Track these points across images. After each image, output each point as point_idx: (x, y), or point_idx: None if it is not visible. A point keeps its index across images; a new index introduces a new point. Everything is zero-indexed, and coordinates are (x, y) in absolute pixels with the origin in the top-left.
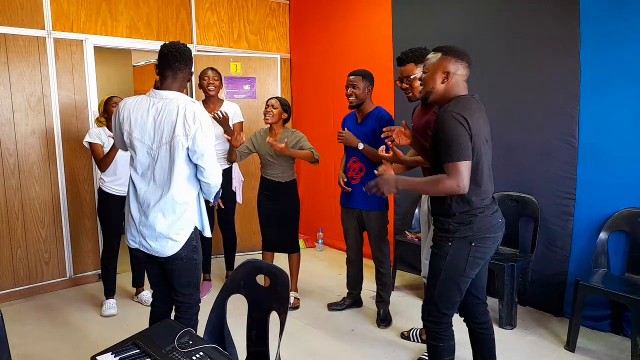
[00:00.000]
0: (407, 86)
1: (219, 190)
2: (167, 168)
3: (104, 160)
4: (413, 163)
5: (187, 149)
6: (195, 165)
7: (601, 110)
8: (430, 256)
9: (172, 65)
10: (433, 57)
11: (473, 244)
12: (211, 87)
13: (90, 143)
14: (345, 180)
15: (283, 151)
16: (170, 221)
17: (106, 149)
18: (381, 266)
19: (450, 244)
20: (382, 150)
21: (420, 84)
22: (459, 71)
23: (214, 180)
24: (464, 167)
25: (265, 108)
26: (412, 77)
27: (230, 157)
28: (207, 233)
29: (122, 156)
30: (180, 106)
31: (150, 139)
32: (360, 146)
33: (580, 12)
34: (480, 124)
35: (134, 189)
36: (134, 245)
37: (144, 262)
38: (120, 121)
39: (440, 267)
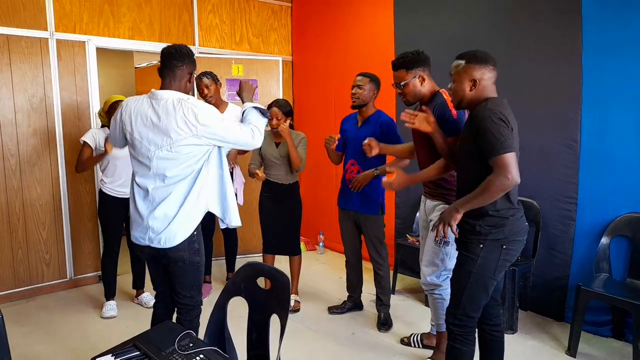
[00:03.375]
0: (400, 91)
1: (261, 112)
2: (174, 167)
3: (83, 163)
4: (398, 153)
5: (211, 143)
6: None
7: (603, 115)
8: (458, 259)
9: (170, 63)
10: (457, 65)
11: (504, 247)
12: (209, 98)
13: (83, 141)
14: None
15: (284, 133)
16: (179, 210)
17: (100, 149)
18: (379, 269)
19: (481, 246)
20: (367, 143)
21: (450, 94)
22: (485, 76)
23: (256, 143)
24: (511, 159)
25: (271, 121)
26: (402, 83)
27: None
28: (234, 221)
29: (121, 157)
30: (176, 106)
31: (149, 141)
32: (376, 172)
33: (583, 17)
34: (515, 123)
35: (139, 187)
36: (143, 242)
37: (148, 262)
38: (122, 121)
39: (470, 269)
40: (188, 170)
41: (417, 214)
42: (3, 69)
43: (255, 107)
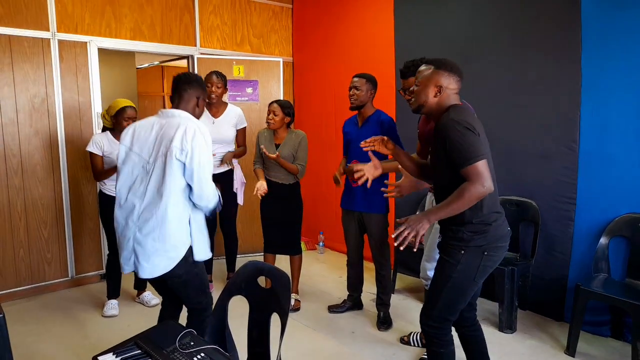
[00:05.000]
0: (409, 97)
1: (217, 202)
2: (161, 182)
3: (102, 174)
4: (394, 168)
5: (184, 165)
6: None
7: (602, 115)
8: (439, 262)
9: (177, 87)
10: (425, 70)
11: (485, 253)
12: (212, 96)
13: (90, 153)
14: (342, 173)
15: (275, 159)
16: (165, 238)
17: (108, 155)
18: (381, 268)
19: (463, 252)
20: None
21: (412, 97)
22: (451, 85)
23: (203, 202)
24: (482, 166)
25: (267, 115)
26: (411, 89)
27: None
28: (202, 256)
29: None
30: (182, 123)
31: (149, 153)
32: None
33: (582, 17)
34: (481, 129)
35: (120, 207)
36: (128, 270)
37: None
38: (124, 140)
39: (450, 274)
40: (175, 194)
41: (418, 212)
42: (5, 69)
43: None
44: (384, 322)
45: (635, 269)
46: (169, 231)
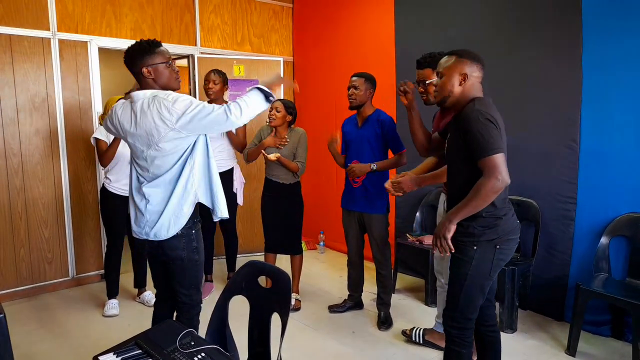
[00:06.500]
0: (423, 90)
1: (263, 94)
2: (162, 161)
3: (105, 154)
4: (438, 179)
5: (193, 133)
6: (203, 148)
7: (603, 114)
8: (452, 261)
9: (130, 71)
10: (447, 60)
11: (498, 247)
12: (210, 92)
13: (96, 139)
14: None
15: (276, 161)
16: (168, 202)
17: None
18: (382, 268)
19: (475, 247)
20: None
21: (436, 90)
22: (474, 73)
23: (233, 121)
24: (499, 159)
25: (270, 111)
26: (427, 82)
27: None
28: (224, 213)
29: (125, 156)
30: (150, 104)
31: (140, 142)
32: (374, 166)
33: (583, 16)
34: (502, 124)
35: (137, 182)
36: (141, 236)
37: (149, 261)
38: (116, 127)
39: (466, 272)
40: (172, 160)
41: (417, 214)
42: (5, 69)
43: (259, 89)
44: (384, 321)
45: (635, 268)
46: (171, 200)
